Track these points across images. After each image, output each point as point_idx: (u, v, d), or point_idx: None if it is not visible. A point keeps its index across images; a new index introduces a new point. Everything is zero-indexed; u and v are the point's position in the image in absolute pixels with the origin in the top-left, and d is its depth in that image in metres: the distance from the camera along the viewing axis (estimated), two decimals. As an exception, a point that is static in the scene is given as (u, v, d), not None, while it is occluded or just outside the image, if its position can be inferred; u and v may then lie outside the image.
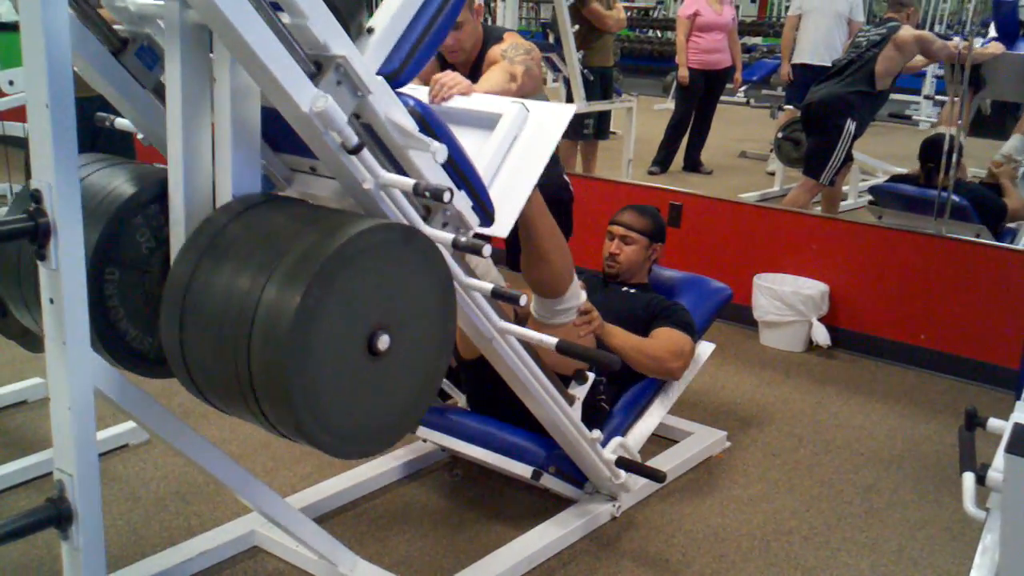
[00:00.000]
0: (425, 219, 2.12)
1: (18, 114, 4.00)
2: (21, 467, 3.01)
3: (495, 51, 3.23)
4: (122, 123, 2.33)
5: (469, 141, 2.33)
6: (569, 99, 6.44)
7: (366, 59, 1.93)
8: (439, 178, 2.09)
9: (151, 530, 2.83)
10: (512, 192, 2.35)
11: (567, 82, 6.43)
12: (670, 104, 8.51)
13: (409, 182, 1.94)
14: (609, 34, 6.70)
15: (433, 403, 2.16)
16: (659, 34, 15.11)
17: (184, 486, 3.06)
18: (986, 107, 5.60)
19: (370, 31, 1.98)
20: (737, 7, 9.50)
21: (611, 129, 7.37)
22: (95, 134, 3.76)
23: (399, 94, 2.02)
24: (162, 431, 2.08)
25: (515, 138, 2.43)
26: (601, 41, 6.62)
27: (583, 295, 2.84)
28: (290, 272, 1.73)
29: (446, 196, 1.91)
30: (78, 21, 2.02)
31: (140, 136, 2.26)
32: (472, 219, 2.20)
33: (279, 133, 2.04)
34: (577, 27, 6.23)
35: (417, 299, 1.93)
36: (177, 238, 1.99)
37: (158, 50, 2.12)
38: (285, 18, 1.79)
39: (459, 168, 2.18)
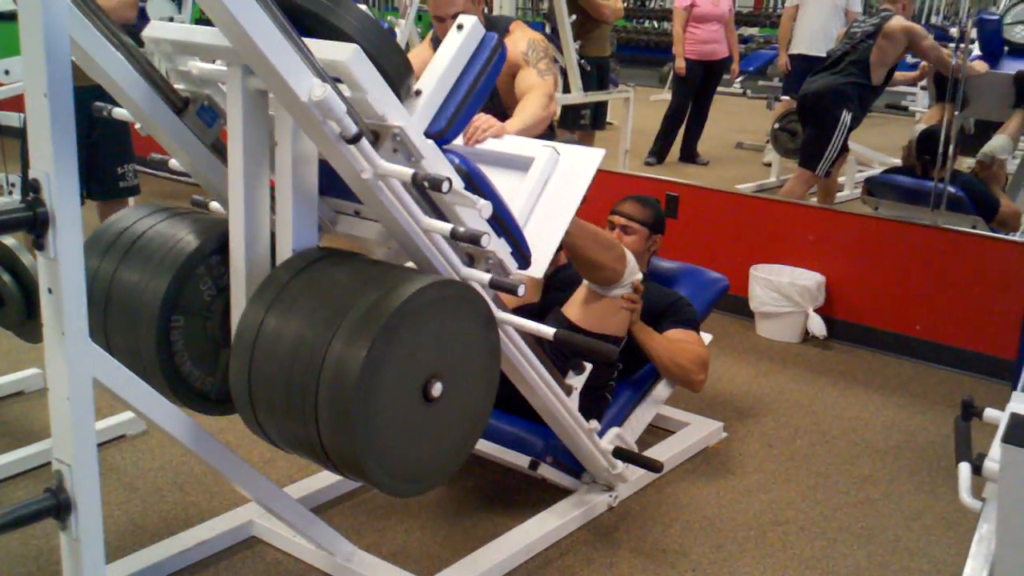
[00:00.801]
0: (468, 265, 2.27)
1: (14, 104, 3.99)
2: (19, 457, 3.02)
3: (515, 53, 3.25)
4: (120, 112, 2.34)
5: (502, 182, 2.45)
6: (566, 89, 6.43)
7: (414, 120, 2.04)
8: (479, 226, 2.19)
9: (149, 520, 2.83)
10: (546, 234, 2.48)
11: (564, 72, 6.42)
12: (667, 95, 8.49)
13: (447, 227, 2.07)
14: (606, 24, 6.69)
15: (480, 437, 2.34)
16: (656, 24, 15.06)
17: (182, 476, 3.06)
18: (969, 126, 5.57)
19: (418, 93, 2.09)
20: (734, -2, 9.49)
21: (608, 120, 7.36)
22: (92, 123, 3.76)
23: (445, 151, 2.13)
24: (160, 421, 2.09)
25: (547, 181, 2.55)
26: (598, 31, 6.61)
27: (639, 275, 2.95)
28: (355, 328, 1.89)
29: (483, 240, 2.03)
30: (142, 82, 2.14)
31: (138, 126, 2.28)
32: (511, 263, 2.33)
33: (325, 178, 2.15)
34: (574, 17, 6.21)
35: (465, 346, 2.11)
36: (237, 287, 2.18)
37: (217, 109, 2.26)
38: (346, 92, 1.92)
39: (500, 219, 2.29)
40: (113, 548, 2.61)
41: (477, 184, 2.23)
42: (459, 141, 2.62)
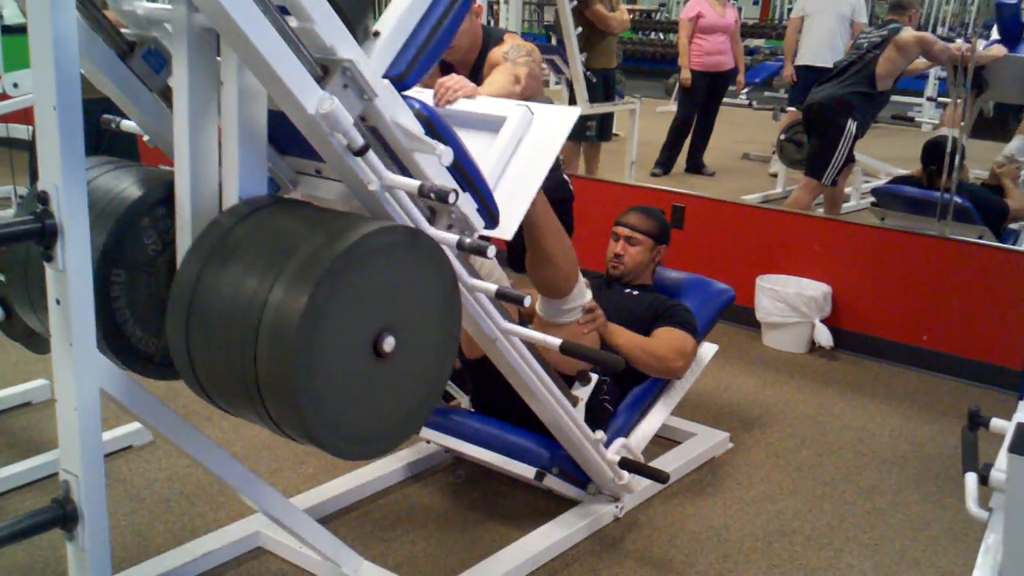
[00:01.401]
0: (430, 221, 2.13)
1: (23, 116, 4.02)
2: (27, 468, 3.02)
3: (496, 53, 3.24)
4: (128, 125, 2.34)
5: (474, 144, 2.34)
6: (572, 101, 6.44)
7: (372, 62, 1.94)
8: (444, 180, 2.10)
9: (156, 531, 2.84)
10: (517, 194, 2.37)
11: (570, 84, 6.43)
12: (673, 106, 8.51)
13: (414, 184, 1.95)
14: (612, 36, 6.70)
15: (437, 404, 2.17)
16: (662, 36, 15.11)
17: (188, 487, 3.07)
18: (988, 110, 5.59)
19: (376, 35, 1.99)
20: (739, 9, 9.50)
21: (614, 131, 7.36)
22: (101, 136, 3.77)
23: (405, 97, 2.03)
24: (167, 432, 2.09)
25: (520, 140, 2.45)
26: (604, 43, 6.62)
27: (588, 294, 2.85)
28: (297, 273, 1.74)
29: (451, 197, 1.92)
30: (85, 24, 2.03)
31: (146, 138, 2.27)
32: (477, 221, 2.21)
33: (285, 136, 2.05)
34: (580, 29, 6.23)
35: (422, 301, 1.95)
36: (184, 240, 2.00)
37: (165, 54, 2.14)
38: (292, 22, 1.81)
39: (464, 171, 2.19)
40: (119, 559, 2.62)
41: (438, 130, 2.12)
42: (429, 101, 2.54)
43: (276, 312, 1.73)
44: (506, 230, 2.33)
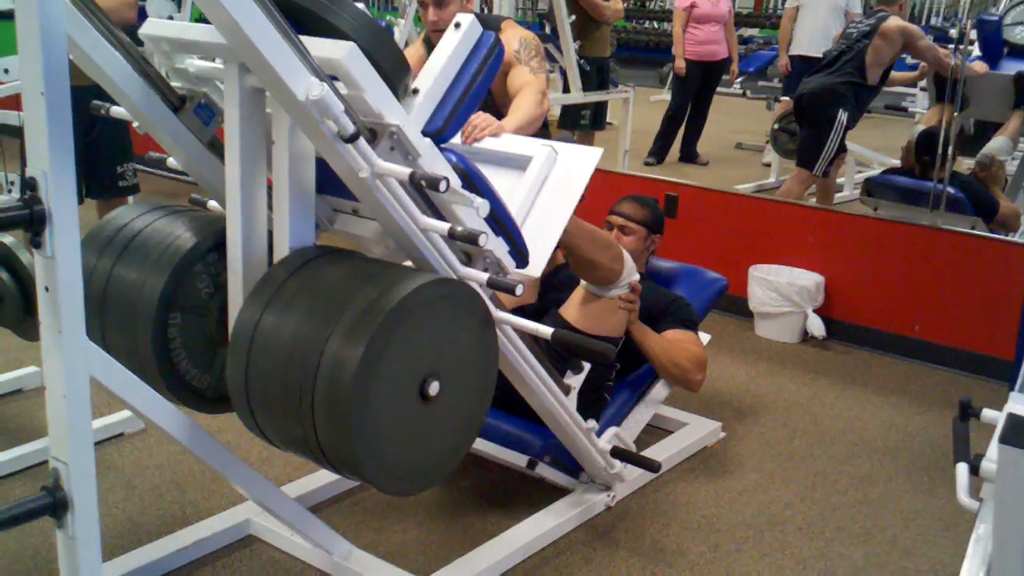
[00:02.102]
0: (466, 264, 2.26)
1: (13, 102, 3.99)
2: (17, 455, 3.01)
3: (508, 53, 3.23)
4: (118, 111, 2.34)
5: (500, 181, 2.45)
6: (566, 89, 6.43)
7: (411, 119, 2.04)
8: (477, 225, 2.19)
9: (147, 519, 2.83)
10: (543, 233, 2.47)
11: (564, 73, 6.42)
12: (666, 95, 8.50)
13: (444, 226, 2.06)
14: (606, 25, 6.69)
15: (475, 440, 2.35)
16: (656, 25, 15.08)
17: (180, 475, 3.06)
18: (969, 126, 5.57)
19: (415, 91, 2.09)
20: (733, -1, 9.47)
21: (607, 120, 7.36)
22: (91, 122, 3.76)
23: (442, 149, 2.13)
24: (157, 420, 2.09)
25: (545, 180, 2.55)
26: (598, 32, 6.61)
27: (636, 275, 2.93)
28: (353, 325, 1.89)
29: (481, 240, 2.03)
30: (140, 80, 2.14)
31: (136, 125, 2.27)
32: (509, 263, 2.33)
33: (323, 176, 2.14)
34: (574, 17, 6.22)
35: (463, 345, 2.11)
36: (235, 284, 2.17)
37: (214, 107, 2.26)
38: (343, 89, 1.91)
39: (497, 217, 2.29)
40: (110, 546, 2.61)
41: (474, 182, 2.23)
42: (457, 140, 2.63)
43: (334, 361, 1.87)
44: (535, 269, 2.44)
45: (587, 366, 2.83)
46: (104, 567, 1.91)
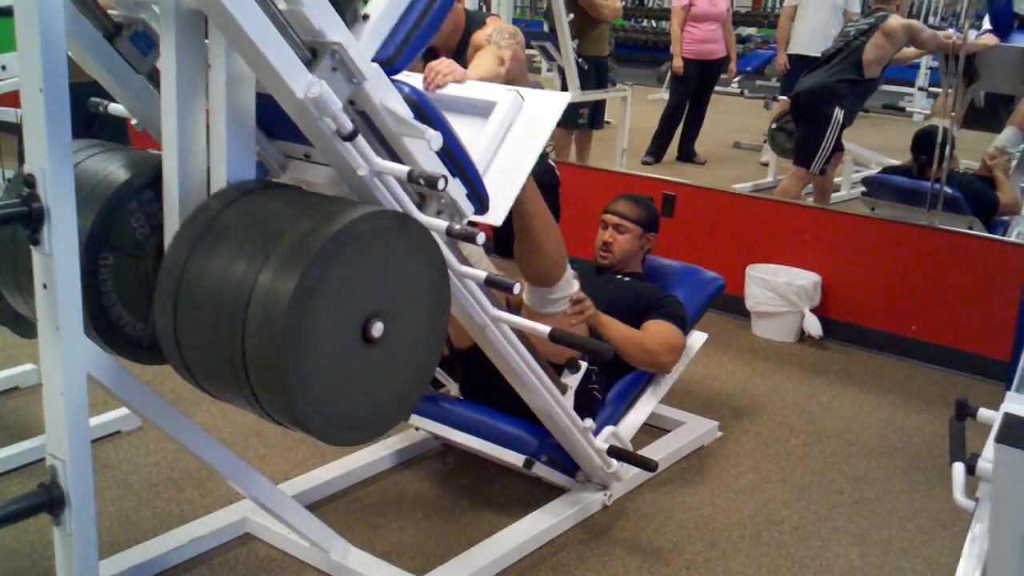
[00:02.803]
0: (420, 206, 2.13)
1: (11, 99, 3.99)
2: (14, 453, 3.01)
3: (479, 36, 3.24)
4: (116, 108, 2.33)
5: (464, 129, 2.33)
6: (564, 88, 6.42)
7: (361, 46, 1.94)
8: (434, 165, 2.10)
9: (143, 516, 2.83)
10: (507, 180, 2.36)
11: (562, 71, 6.41)
12: (664, 94, 8.49)
13: (403, 169, 1.94)
14: (604, 23, 6.68)
15: (426, 391, 2.17)
16: (654, 24, 15.09)
17: (176, 473, 3.06)
18: (979, 99, 5.59)
19: (365, 18, 1.98)
20: (732, -3, 9.45)
21: (605, 119, 7.35)
22: (89, 119, 3.75)
23: (394, 81, 2.02)
24: (155, 417, 2.09)
25: (510, 126, 2.44)
26: (596, 30, 6.61)
27: (576, 284, 2.84)
28: (286, 257, 1.73)
29: (440, 183, 1.92)
30: (72, 5, 2.01)
31: (134, 122, 2.26)
32: (467, 207, 2.21)
33: (274, 120, 2.04)
34: (572, 16, 6.21)
35: (411, 287, 1.94)
36: (172, 224, 2.00)
37: (153, 36, 2.11)
38: (281, 4, 1.80)
39: (454, 156, 2.18)
40: (107, 544, 2.61)
41: (427, 115, 2.11)
42: (419, 86, 2.52)
43: (265, 295, 1.72)
44: (496, 216, 2.33)
45: (584, 365, 2.83)
46: (100, 564, 1.91)
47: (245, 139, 1.99)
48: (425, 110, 2.11)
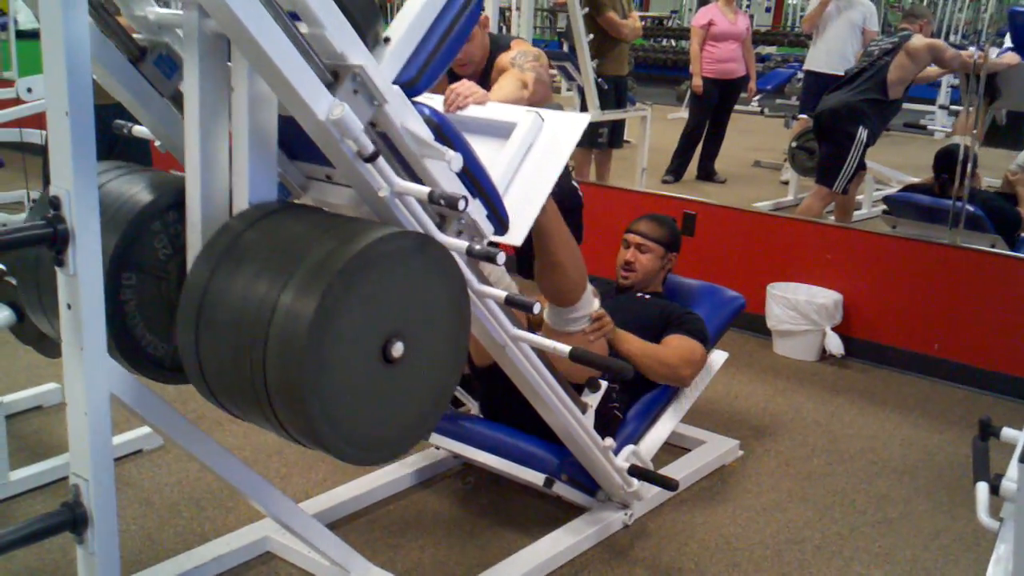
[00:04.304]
0: (440, 227, 2.14)
1: (37, 121, 4.04)
2: (37, 471, 3.03)
3: (504, 59, 3.25)
4: (140, 130, 2.35)
5: (484, 150, 2.34)
6: (583, 108, 6.44)
7: (383, 68, 1.95)
8: (454, 187, 2.11)
9: (165, 535, 2.84)
10: (526, 201, 2.37)
11: (581, 91, 6.43)
12: (684, 113, 8.50)
13: (424, 190, 1.95)
14: (624, 43, 6.70)
15: (445, 411, 2.17)
16: (673, 43, 15.10)
17: (198, 492, 3.07)
18: (1001, 117, 5.58)
19: (387, 40, 2.00)
20: (751, 16, 9.46)
21: (625, 138, 7.37)
22: (113, 141, 3.79)
23: (415, 103, 2.04)
24: (176, 436, 2.10)
25: (530, 147, 2.44)
26: (616, 50, 6.63)
27: (596, 303, 2.84)
28: (307, 278, 1.74)
29: (460, 204, 1.92)
30: (97, 29, 2.04)
31: (157, 143, 2.28)
32: (487, 227, 2.22)
33: (295, 141, 2.05)
34: (592, 36, 6.23)
35: (432, 307, 1.95)
36: (194, 245, 2.01)
37: (176, 59, 2.15)
38: (303, 27, 1.82)
39: (474, 177, 2.19)
40: (129, 563, 2.62)
41: (448, 136, 2.12)
42: (440, 108, 2.53)
43: (286, 316, 1.73)
44: (516, 236, 2.33)
45: (604, 384, 2.83)
46: (123, 583, 1.92)
47: (267, 161, 2.00)
48: (445, 131, 2.13)
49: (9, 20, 6.80)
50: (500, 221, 2.29)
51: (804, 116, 6.93)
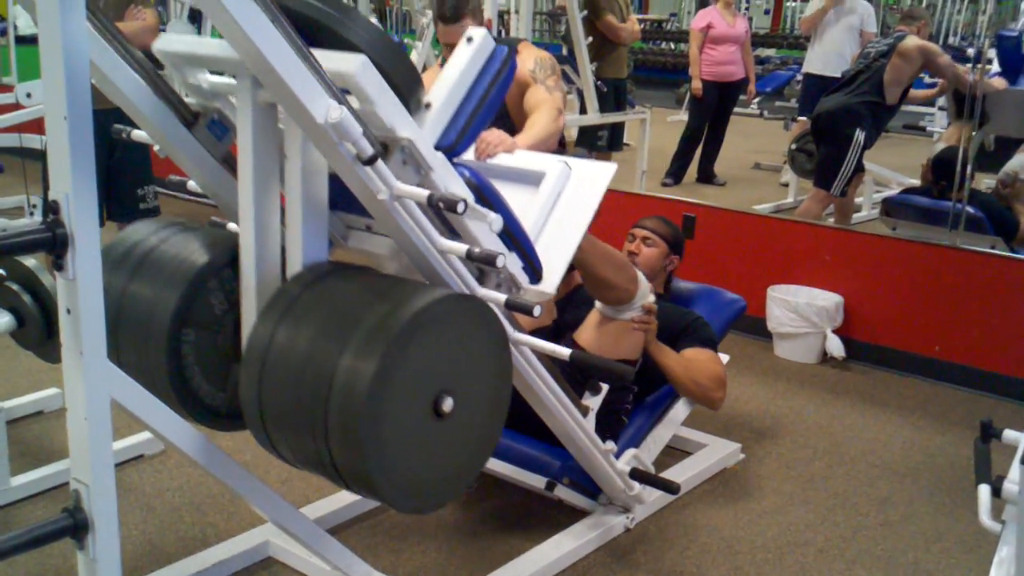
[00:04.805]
0: (479, 279, 2.25)
1: (36, 126, 4.04)
2: (38, 477, 3.03)
3: (522, 71, 3.26)
4: (139, 135, 2.36)
5: (514, 197, 2.42)
6: (583, 110, 6.45)
7: (425, 133, 2.03)
8: (492, 243, 2.19)
9: (166, 540, 2.84)
10: (558, 248, 2.46)
11: (581, 94, 6.44)
12: (683, 116, 8.51)
13: (463, 248, 2.07)
14: (623, 46, 6.71)
15: (488, 458, 2.31)
16: (672, 46, 15.13)
17: (199, 496, 3.07)
18: (989, 143, 5.57)
19: (427, 106, 2.08)
20: (750, 19, 9.47)
21: (624, 141, 7.37)
22: (112, 146, 3.80)
23: (454, 164, 2.12)
24: (177, 441, 2.09)
25: (559, 195, 2.53)
26: (615, 53, 6.64)
27: (651, 296, 2.93)
28: (367, 339, 1.87)
29: (499, 261, 2.03)
30: (153, 95, 2.14)
31: (156, 148, 2.29)
32: (523, 279, 2.33)
33: (336, 192, 2.13)
34: (591, 39, 6.24)
35: (477, 361, 2.08)
36: (248, 299, 2.16)
37: (227, 123, 2.25)
38: (355, 103, 1.90)
39: (511, 232, 2.28)
40: (130, 568, 2.62)
41: (487, 197, 2.22)
42: (470, 156, 2.63)
43: (347, 374, 1.85)
44: (549, 284, 2.42)
45: (605, 387, 2.83)
46: (124, 589, 1.91)
47: (319, 225, 2.12)
48: (485, 193, 2.22)
49: (8, 25, 6.81)
50: (535, 271, 2.38)
51: (803, 118, 6.93)
